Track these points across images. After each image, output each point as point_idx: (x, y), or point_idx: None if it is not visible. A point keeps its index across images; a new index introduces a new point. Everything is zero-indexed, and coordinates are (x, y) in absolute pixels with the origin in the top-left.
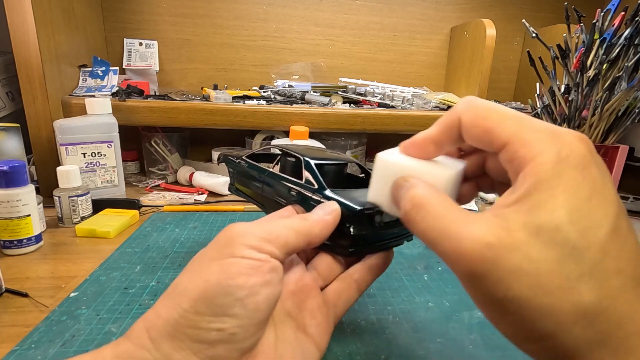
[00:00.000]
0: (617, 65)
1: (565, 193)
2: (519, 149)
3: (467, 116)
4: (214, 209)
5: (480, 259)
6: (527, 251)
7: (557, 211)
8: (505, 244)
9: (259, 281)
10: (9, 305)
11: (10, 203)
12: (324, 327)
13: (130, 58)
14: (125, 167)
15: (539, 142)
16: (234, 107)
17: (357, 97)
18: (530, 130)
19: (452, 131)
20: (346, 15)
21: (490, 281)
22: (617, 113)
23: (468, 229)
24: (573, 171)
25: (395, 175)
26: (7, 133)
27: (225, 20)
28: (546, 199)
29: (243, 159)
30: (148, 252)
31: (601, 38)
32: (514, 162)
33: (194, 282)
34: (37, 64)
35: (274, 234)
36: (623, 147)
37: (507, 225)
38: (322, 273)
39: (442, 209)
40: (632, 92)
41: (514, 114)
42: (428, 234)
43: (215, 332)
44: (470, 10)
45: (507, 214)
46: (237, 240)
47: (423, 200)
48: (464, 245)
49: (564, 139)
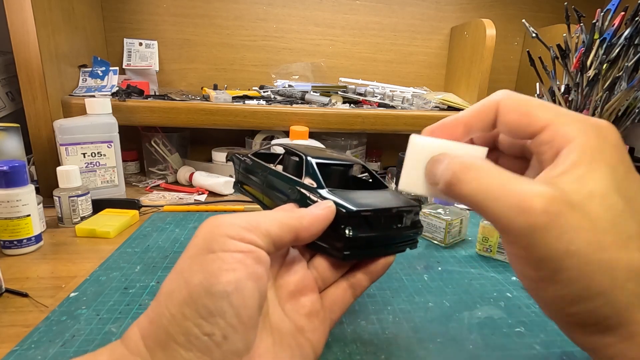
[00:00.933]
0: (617, 65)
1: (608, 167)
2: (559, 129)
3: (507, 101)
4: (214, 209)
5: (545, 211)
6: (586, 210)
7: (604, 181)
8: (567, 200)
9: (242, 275)
10: (9, 305)
11: (10, 203)
12: (321, 331)
13: (130, 58)
14: (125, 167)
15: (579, 124)
16: (234, 107)
17: (357, 97)
18: (567, 115)
19: (487, 115)
20: (346, 15)
21: (553, 234)
22: (617, 113)
23: (530, 186)
24: (612, 150)
25: (430, 154)
26: (7, 133)
27: (225, 20)
28: (593, 170)
29: (248, 157)
30: (148, 252)
31: (601, 38)
32: (554, 142)
33: (177, 285)
34: (37, 64)
35: (253, 223)
36: None
37: (562, 189)
38: (322, 274)
39: (495, 168)
40: (632, 92)
41: (549, 103)
42: (480, 194)
43: (207, 338)
44: (470, 10)
45: (558, 182)
46: (216, 232)
47: (471, 162)
48: (528, 198)
49: (600, 124)
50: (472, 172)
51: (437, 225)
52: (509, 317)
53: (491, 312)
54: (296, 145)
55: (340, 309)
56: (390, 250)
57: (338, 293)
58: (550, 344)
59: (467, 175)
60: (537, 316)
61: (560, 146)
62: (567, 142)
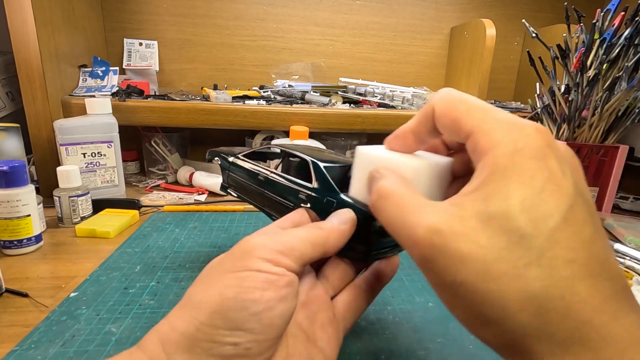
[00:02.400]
0: (617, 65)
1: (518, 182)
2: (479, 139)
3: (439, 106)
4: (214, 209)
5: (430, 245)
6: (475, 238)
7: (509, 200)
8: (455, 230)
9: (274, 296)
10: (9, 305)
11: (10, 203)
12: (334, 340)
13: (130, 58)
14: (125, 167)
15: (498, 133)
16: (234, 107)
17: (357, 97)
18: (492, 120)
19: (428, 122)
20: (346, 15)
21: (439, 266)
22: (617, 113)
23: (422, 217)
24: (528, 162)
25: (372, 168)
26: (7, 133)
27: (225, 20)
28: (500, 188)
29: (240, 158)
30: (148, 252)
31: (601, 38)
32: (476, 152)
33: (210, 295)
34: (37, 64)
35: (289, 246)
36: (623, 147)
37: (461, 214)
38: (333, 282)
39: (403, 199)
40: (632, 92)
41: (481, 105)
42: (390, 224)
43: (231, 347)
44: (470, 10)
45: (463, 203)
46: (252, 253)
47: (387, 190)
48: (417, 232)
49: (523, 130)
50: (386, 201)
51: None
52: None
53: None
54: (294, 146)
55: (353, 316)
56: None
57: (351, 300)
58: None
59: (382, 205)
60: None
61: (479, 157)
62: (484, 153)
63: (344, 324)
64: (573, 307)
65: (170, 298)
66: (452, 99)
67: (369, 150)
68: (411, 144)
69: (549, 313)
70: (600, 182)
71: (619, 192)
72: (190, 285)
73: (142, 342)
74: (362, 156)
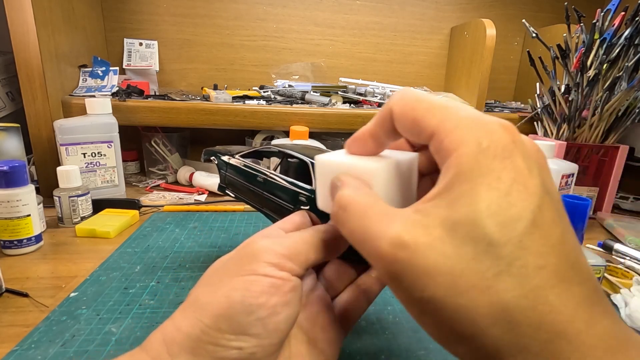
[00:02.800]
0: (617, 65)
1: (484, 185)
2: (443, 138)
3: (397, 107)
4: (214, 209)
5: (394, 259)
6: (442, 249)
7: (475, 204)
8: (419, 242)
9: (279, 301)
10: (9, 305)
11: (10, 203)
12: (334, 341)
13: (130, 58)
14: (125, 167)
15: (461, 131)
16: (234, 107)
17: (357, 97)
18: (454, 118)
19: (386, 124)
20: (346, 15)
21: (406, 282)
22: (617, 113)
23: (385, 228)
24: (493, 162)
25: (332, 175)
26: (7, 133)
27: (225, 20)
28: (465, 192)
29: (237, 158)
30: (148, 252)
31: (601, 38)
32: (440, 154)
33: (216, 297)
34: (37, 64)
35: (294, 250)
36: (623, 147)
37: (426, 222)
38: (334, 283)
39: (365, 208)
40: (632, 92)
41: (442, 103)
42: (352, 237)
43: (236, 351)
44: (470, 10)
45: (427, 209)
46: (259, 257)
47: (348, 200)
48: (380, 245)
49: (487, 127)
50: (346, 212)
51: None
52: None
53: None
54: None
55: (354, 318)
56: None
57: (351, 302)
58: None
59: (342, 217)
60: None
61: (443, 159)
62: (448, 154)
63: (345, 326)
64: (545, 318)
65: (170, 298)
66: (411, 98)
67: (327, 157)
68: (371, 146)
69: (521, 326)
70: (600, 182)
71: (619, 192)
72: (194, 286)
73: (146, 343)
74: (322, 164)
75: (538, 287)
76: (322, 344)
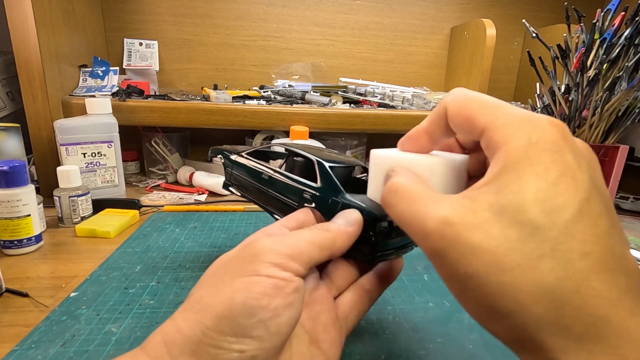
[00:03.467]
0: (617, 65)
1: (531, 175)
2: (493, 134)
3: (452, 105)
4: (214, 209)
5: (442, 237)
6: (488, 230)
7: (522, 192)
8: (467, 222)
9: (282, 303)
10: (9, 305)
11: (10, 203)
12: (336, 341)
13: (130, 58)
14: (125, 167)
15: (512, 127)
16: (234, 107)
17: (357, 97)
18: (505, 116)
19: (441, 121)
20: (346, 15)
21: (450, 258)
22: (617, 113)
23: (433, 209)
24: (542, 155)
25: (387, 168)
26: (7, 133)
27: (225, 20)
28: (513, 181)
29: (243, 156)
30: (148, 252)
31: (601, 38)
32: (490, 148)
33: (218, 299)
34: (37, 64)
35: (297, 250)
36: (623, 147)
37: (473, 206)
38: (336, 282)
39: (414, 192)
40: (632, 92)
41: (493, 102)
42: (400, 217)
43: (237, 354)
44: (470, 10)
45: (476, 196)
46: (261, 257)
47: (399, 185)
48: (428, 224)
49: (537, 124)
50: (396, 195)
51: None
52: None
53: None
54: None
55: (356, 317)
56: (405, 250)
57: (354, 302)
58: None
59: (392, 199)
60: None
61: (493, 152)
62: (498, 148)
63: (347, 325)
64: (588, 302)
65: (170, 298)
66: (465, 97)
67: (383, 153)
68: (424, 144)
69: (564, 306)
70: None
71: (619, 192)
72: (194, 285)
73: (146, 343)
74: (377, 159)
75: (582, 271)
76: (324, 344)
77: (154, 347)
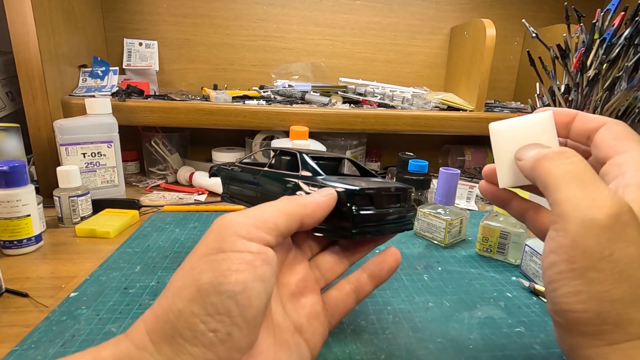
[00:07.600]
0: (617, 65)
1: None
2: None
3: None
4: (214, 209)
5: (617, 218)
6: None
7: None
8: (633, 215)
9: (250, 276)
10: (9, 305)
11: (10, 203)
12: (319, 333)
13: (130, 58)
14: (125, 167)
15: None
16: (234, 107)
17: (357, 97)
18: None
19: (569, 120)
20: (346, 15)
21: (607, 236)
22: (617, 113)
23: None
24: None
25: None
26: (7, 133)
27: (225, 20)
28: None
29: (237, 165)
30: (148, 252)
31: (601, 38)
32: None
33: (186, 282)
34: (37, 64)
35: (261, 218)
36: None
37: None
38: (325, 273)
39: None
40: (632, 92)
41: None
42: (564, 178)
43: (212, 334)
44: (470, 10)
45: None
46: (225, 232)
47: (563, 150)
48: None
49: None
50: (568, 157)
51: (437, 225)
52: (509, 317)
53: (491, 312)
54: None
55: (340, 313)
56: (391, 229)
57: (341, 297)
58: (550, 344)
59: (561, 157)
60: (537, 316)
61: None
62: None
63: (330, 320)
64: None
65: None
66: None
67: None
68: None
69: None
70: None
71: None
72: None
73: (130, 331)
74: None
75: None
76: (307, 334)
77: (137, 334)
